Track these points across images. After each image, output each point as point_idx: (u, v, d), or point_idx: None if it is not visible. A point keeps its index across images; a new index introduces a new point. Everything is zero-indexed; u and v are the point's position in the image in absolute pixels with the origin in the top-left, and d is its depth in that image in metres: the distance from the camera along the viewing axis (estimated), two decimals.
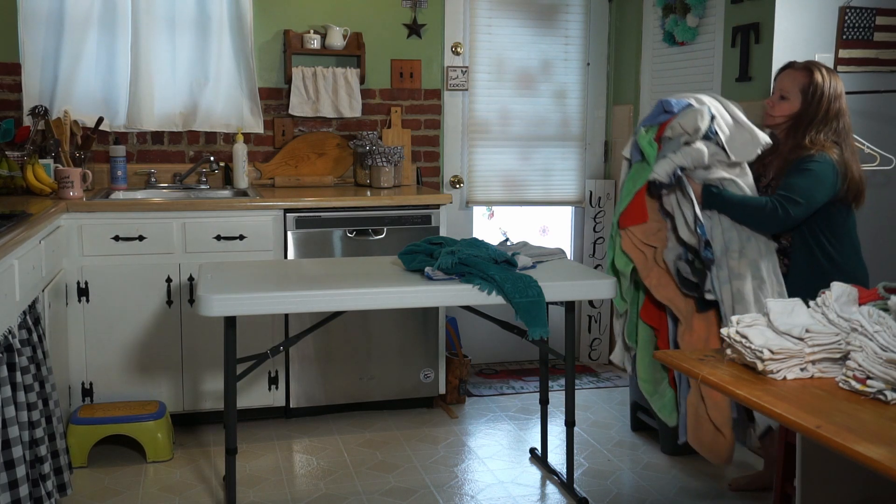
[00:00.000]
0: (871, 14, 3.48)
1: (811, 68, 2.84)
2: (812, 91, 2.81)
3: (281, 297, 2.72)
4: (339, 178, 4.39)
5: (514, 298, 2.77)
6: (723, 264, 2.82)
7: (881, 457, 1.54)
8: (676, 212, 2.87)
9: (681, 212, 2.86)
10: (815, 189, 2.73)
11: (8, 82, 3.96)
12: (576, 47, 4.75)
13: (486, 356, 4.77)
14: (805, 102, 2.82)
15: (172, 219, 3.58)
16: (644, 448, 3.63)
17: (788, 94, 2.84)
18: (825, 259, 2.83)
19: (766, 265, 2.83)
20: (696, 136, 2.80)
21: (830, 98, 2.80)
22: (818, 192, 2.74)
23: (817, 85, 2.80)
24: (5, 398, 2.32)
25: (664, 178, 2.81)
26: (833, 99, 2.81)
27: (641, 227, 2.93)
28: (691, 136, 2.80)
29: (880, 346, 1.84)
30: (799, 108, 2.83)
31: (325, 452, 3.57)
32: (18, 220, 2.75)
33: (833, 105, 2.81)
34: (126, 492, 3.18)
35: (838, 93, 2.82)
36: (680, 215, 2.86)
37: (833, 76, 2.84)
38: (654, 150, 2.87)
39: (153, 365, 3.63)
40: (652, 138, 2.88)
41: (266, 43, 4.26)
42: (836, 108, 2.81)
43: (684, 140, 2.82)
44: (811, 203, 2.74)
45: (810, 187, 2.73)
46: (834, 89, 2.81)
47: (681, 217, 2.85)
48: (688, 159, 2.80)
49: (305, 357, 3.81)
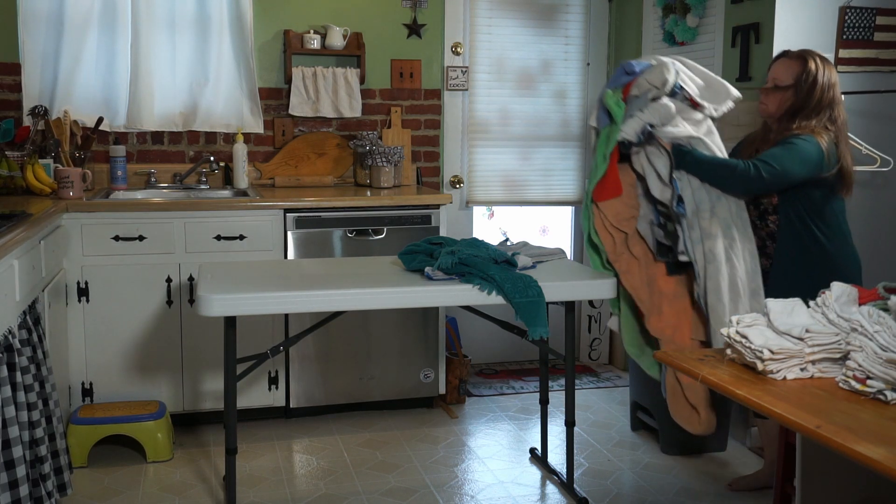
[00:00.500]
0: (871, 14, 3.49)
1: (805, 57, 2.83)
2: (805, 79, 2.80)
3: (281, 297, 2.72)
4: (339, 178, 4.39)
5: (514, 298, 2.77)
6: (694, 224, 2.80)
7: (881, 457, 1.54)
8: (648, 169, 2.84)
9: (652, 168, 2.83)
10: (793, 161, 2.71)
11: (8, 82, 3.96)
12: (576, 47, 4.75)
13: (486, 356, 4.77)
14: (798, 90, 2.81)
15: (172, 219, 3.58)
16: (644, 448, 3.64)
17: (783, 83, 2.84)
18: (813, 244, 2.82)
19: (738, 224, 2.82)
20: (665, 88, 2.79)
21: (824, 87, 2.79)
22: (795, 165, 2.71)
23: (810, 73, 2.80)
24: (5, 398, 2.32)
25: (632, 136, 2.80)
26: (827, 88, 2.80)
27: (614, 208, 2.91)
28: (659, 89, 2.80)
29: (880, 346, 1.84)
30: (792, 96, 2.82)
31: (325, 452, 3.57)
32: (18, 220, 2.75)
33: (826, 94, 2.80)
34: (126, 492, 3.18)
35: (832, 82, 2.81)
36: (652, 171, 2.83)
37: (827, 65, 2.83)
38: (621, 109, 2.87)
39: (153, 365, 3.63)
40: (619, 98, 2.89)
41: (266, 43, 4.26)
42: (829, 97, 2.80)
43: (652, 95, 2.81)
44: (786, 173, 2.71)
45: (788, 157, 2.71)
46: (828, 78, 2.80)
47: (653, 173, 2.83)
48: (655, 116, 2.79)
49: (305, 357, 3.81)
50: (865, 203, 3.61)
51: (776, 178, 2.72)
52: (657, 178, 2.83)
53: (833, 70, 2.83)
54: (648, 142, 2.82)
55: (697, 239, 2.80)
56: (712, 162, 2.78)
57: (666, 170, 2.80)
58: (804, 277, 2.82)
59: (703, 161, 2.78)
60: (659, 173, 2.82)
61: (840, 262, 2.81)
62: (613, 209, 2.92)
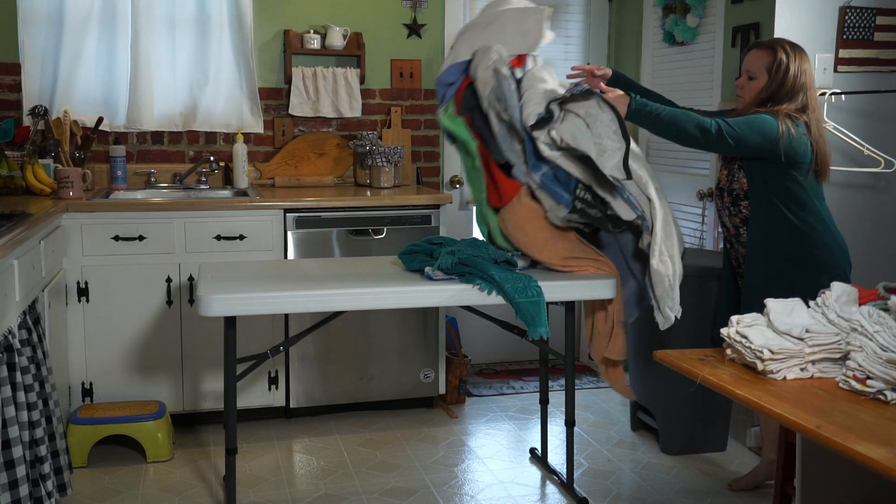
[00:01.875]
0: (871, 14, 3.49)
1: (774, 46, 2.86)
2: (776, 68, 2.82)
3: (281, 297, 2.72)
4: (339, 178, 4.39)
5: (514, 298, 2.76)
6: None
7: (881, 457, 1.54)
8: (582, 135, 2.78)
9: (586, 128, 2.79)
10: (752, 130, 2.74)
11: (8, 82, 3.96)
12: (576, 47, 4.75)
13: (486, 356, 4.77)
14: (771, 79, 2.83)
15: (172, 219, 3.58)
16: (644, 448, 3.64)
17: (755, 74, 2.87)
18: (785, 226, 2.82)
19: (645, 163, 2.88)
20: (504, 63, 2.83)
21: (796, 74, 2.82)
22: (753, 134, 2.73)
23: (781, 62, 2.82)
24: (5, 398, 2.32)
25: (534, 118, 2.80)
26: (798, 74, 2.82)
27: (516, 215, 2.92)
28: (504, 61, 2.84)
29: (880, 346, 1.84)
30: (765, 85, 2.84)
31: (325, 452, 3.57)
32: (18, 220, 2.75)
33: (798, 80, 2.82)
34: (126, 492, 3.18)
35: (803, 69, 2.84)
36: (586, 134, 2.78)
37: (798, 53, 2.85)
38: (458, 123, 2.91)
39: (153, 365, 3.63)
40: (453, 113, 2.91)
41: (266, 43, 4.26)
42: (801, 83, 2.83)
43: (508, 75, 2.84)
44: (743, 138, 2.73)
45: (748, 125, 2.74)
46: (798, 65, 2.83)
47: (597, 137, 2.77)
48: (538, 92, 2.83)
49: (305, 357, 3.81)
50: (866, 203, 3.61)
51: (734, 141, 2.74)
52: (611, 134, 2.76)
53: (805, 58, 2.86)
54: (580, 99, 2.79)
55: (637, 192, 2.84)
56: (674, 114, 2.78)
57: (614, 125, 2.75)
58: (780, 261, 2.83)
59: (661, 113, 2.78)
60: (611, 131, 2.77)
61: (818, 244, 2.81)
62: (515, 216, 2.93)
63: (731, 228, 2.98)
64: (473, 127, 2.96)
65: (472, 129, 2.96)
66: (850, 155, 3.52)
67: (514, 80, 2.87)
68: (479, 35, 2.97)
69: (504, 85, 2.83)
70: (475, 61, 2.92)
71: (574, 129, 2.77)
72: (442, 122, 2.98)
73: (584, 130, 2.76)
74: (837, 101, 3.44)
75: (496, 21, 2.99)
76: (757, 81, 2.86)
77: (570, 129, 2.77)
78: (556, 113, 2.81)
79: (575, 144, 2.76)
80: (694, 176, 4.03)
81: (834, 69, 3.50)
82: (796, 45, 2.87)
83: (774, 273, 2.83)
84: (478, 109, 2.92)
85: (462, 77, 2.96)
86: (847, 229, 3.56)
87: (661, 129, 2.82)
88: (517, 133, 2.85)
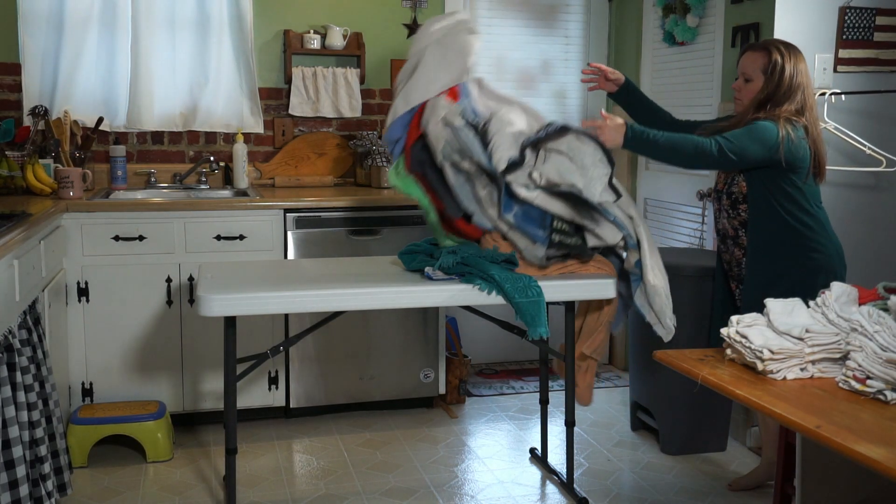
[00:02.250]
0: (871, 14, 3.49)
1: (769, 48, 2.85)
2: (772, 69, 2.81)
3: (281, 297, 2.72)
4: (339, 178, 4.39)
5: (513, 298, 2.76)
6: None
7: (881, 457, 1.54)
8: (567, 170, 2.80)
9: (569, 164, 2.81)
10: (753, 140, 2.72)
11: (8, 82, 3.96)
12: (576, 47, 4.75)
13: (486, 356, 4.77)
14: (768, 81, 2.82)
15: (172, 219, 3.58)
16: (644, 448, 3.64)
17: (751, 76, 2.86)
18: (784, 229, 2.81)
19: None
20: (455, 114, 2.82)
21: (791, 74, 2.81)
22: (754, 144, 2.72)
23: (776, 63, 2.81)
24: (5, 398, 2.32)
25: (505, 162, 2.80)
26: (794, 74, 2.81)
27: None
28: (455, 112, 2.83)
29: (880, 346, 1.84)
30: (762, 87, 2.83)
31: (325, 452, 3.57)
32: (18, 220, 2.75)
33: (795, 80, 2.81)
34: (126, 492, 3.18)
35: (799, 68, 2.83)
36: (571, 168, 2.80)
37: (792, 52, 2.84)
38: (409, 182, 2.96)
39: (153, 365, 3.63)
40: (403, 171, 2.96)
41: (266, 43, 4.26)
42: (798, 83, 2.81)
43: (470, 122, 2.85)
44: (744, 150, 2.72)
45: (748, 137, 2.73)
46: (794, 65, 2.82)
47: (583, 171, 2.80)
48: (511, 139, 2.83)
49: (305, 357, 3.81)
50: (867, 203, 3.61)
51: (736, 156, 2.73)
52: (599, 168, 2.80)
53: (800, 58, 2.84)
54: (556, 136, 2.81)
55: (622, 213, 2.86)
56: (672, 139, 2.78)
57: (599, 153, 2.78)
58: (779, 263, 2.83)
59: (659, 139, 2.78)
60: (594, 168, 2.80)
61: (815, 247, 2.81)
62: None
63: (729, 230, 2.97)
64: (426, 181, 2.98)
65: (424, 184, 2.98)
66: (850, 155, 3.52)
67: (471, 128, 2.87)
68: (411, 84, 2.98)
69: (462, 136, 2.85)
70: (425, 116, 2.92)
71: (559, 166, 2.82)
72: (391, 181, 3.00)
73: (569, 165, 2.81)
74: (837, 101, 3.44)
75: (420, 63, 3.01)
76: (753, 83, 2.85)
77: (554, 167, 2.82)
78: (528, 156, 2.83)
79: (561, 180, 2.79)
80: (694, 176, 4.03)
81: (834, 69, 3.50)
82: (791, 45, 2.87)
83: (773, 275, 2.83)
84: (429, 164, 2.94)
85: (405, 132, 2.97)
86: (848, 229, 3.57)
87: (661, 155, 2.83)
88: (485, 178, 2.86)
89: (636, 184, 4.60)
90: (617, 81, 3.15)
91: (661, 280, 2.88)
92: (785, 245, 2.81)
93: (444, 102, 2.90)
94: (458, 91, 2.95)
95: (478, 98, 2.97)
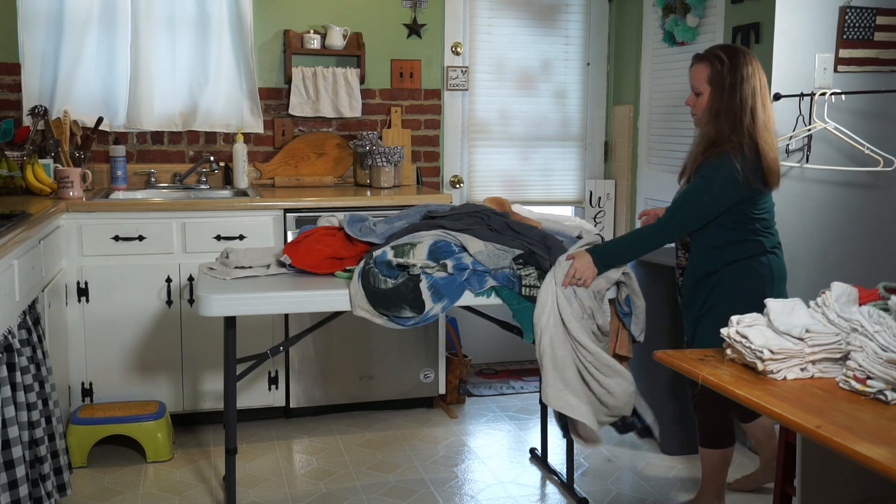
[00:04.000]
0: (871, 14, 3.49)
1: (710, 57, 2.74)
2: (716, 79, 2.72)
3: (281, 297, 2.72)
4: (339, 178, 4.39)
5: (511, 304, 2.77)
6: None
7: (881, 457, 1.54)
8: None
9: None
10: (711, 194, 2.66)
11: (8, 82, 3.96)
12: (576, 47, 4.75)
13: (486, 356, 4.77)
14: (715, 91, 2.72)
15: (172, 219, 3.58)
16: (644, 448, 3.63)
17: (700, 89, 2.77)
18: (726, 244, 2.76)
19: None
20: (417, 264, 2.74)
21: (736, 81, 2.69)
22: (715, 197, 2.66)
23: (718, 72, 2.71)
24: (5, 398, 2.32)
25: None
26: (741, 81, 2.69)
27: None
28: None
29: (880, 346, 1.84)
30: (712, 98, 2.74)
31: (325, 452, 3.57)
32: (18, 220, 2.75)
33: (743, 86, 2.69)
34: (126, 492, 3.18)
35: (746, 74, 2.70)
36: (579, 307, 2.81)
37: (735, 56, 2.71)
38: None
39: (153, 365, 3.63)
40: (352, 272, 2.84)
41: (266, 43, 4.26)
42: (750, 88, 2.69)
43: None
44: (703, 209, 2.69)
45: (700, 194, 2.67)
46: (740, 71, 2.70)
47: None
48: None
49: (305, 357, 3.81)
50: (866, 203, 3.61)
51: (695, 219, 2.71)
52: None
53: (747, 60, 2.71)
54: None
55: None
56: (636, 241, 2.80)
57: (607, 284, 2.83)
58: (714, 265, 2.79)
59: (624, 247, 2.81)
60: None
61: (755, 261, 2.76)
62: None
63: (681, 259, 2.94)
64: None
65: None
66: (849, 154, 3.51)
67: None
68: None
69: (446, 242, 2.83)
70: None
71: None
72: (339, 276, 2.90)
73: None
74: (837, 101, 3.44)
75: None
76: (703, 96, 2.76)
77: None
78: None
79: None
80: None
81: (834, 69, 3.50)
82: (735, 50, 2.74)
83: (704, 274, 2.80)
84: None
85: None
86: (847, 228, 3.57)
87: (636, 253, 2.84)
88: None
89: (636, 184, 4.60)
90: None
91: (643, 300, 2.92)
92: (722, 256, 2.76)
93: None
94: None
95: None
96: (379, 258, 2.72)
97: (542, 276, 2.79)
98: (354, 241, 2.93)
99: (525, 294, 2.78)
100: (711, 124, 2.73)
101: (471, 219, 2.96)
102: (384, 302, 2.66)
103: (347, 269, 2.83)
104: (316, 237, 2.97)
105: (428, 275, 2.69)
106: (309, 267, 2.88)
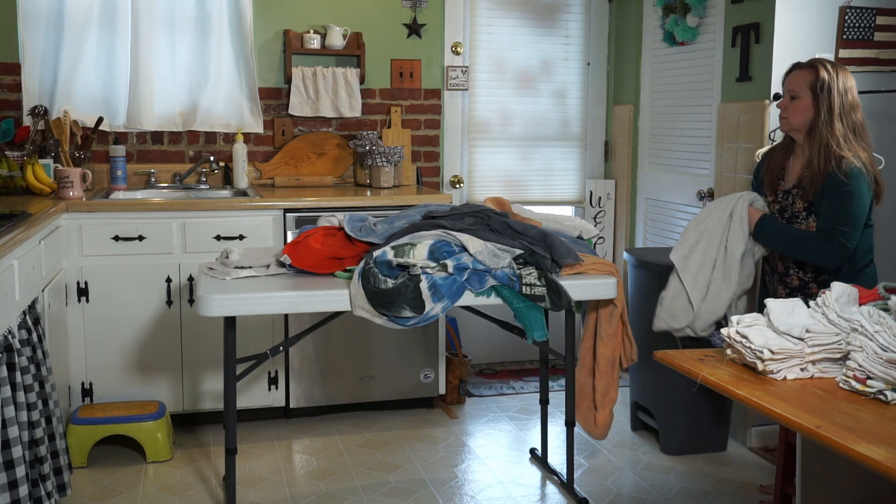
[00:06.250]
0: (871, 14, 3.49)
1: (816, 65, 2.82)
2: (820, 86, 2.78)
3: (281, 297, 2.72)
4: (339, 178, 4.39)
5: (512, 303, 2.77)
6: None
7: (881, 457, 1.54)
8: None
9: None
10: (858, 208, 2.73)
11: (8, 82, 3.96)
12: (576, 47, 4.75)
13: (486, 356, 4.77)
14: (816, 99, 2.79)
15: (172, 219, 3.58)
16: (644, 448, 3.63)
17: (798, 93, 2.82)
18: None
19: None
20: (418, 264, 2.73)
21: (842, 92, 2.77)
22: (861, 210, 2.74)
23: (824, 80, 2.78)
24: (5, 398, 2.31)
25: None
26: (845, 92, 2.78)
27: None
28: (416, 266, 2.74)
29: (880, 346, 1.84)
30: (811, 106, 2.80)
31: (325, 452, 3.57)
32: (18, 220, 2.75)
33: (846, 98, 2.78)
34: (126, 492, 3.18)
35: (849, 86, 2.80)
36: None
37: (840, 70, 2.81)
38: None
39: (153, 365, 3.63)
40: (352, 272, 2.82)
41: (266, 43, 4.26)
42: (848, 101, 2.79)
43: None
44: (858, 227, 2.75)
45: (853, 211, 2.73)
46: (843, 82, 2.79)
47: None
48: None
49: (305, 357, 3.81)
50: None
51: (856, 237, 2.76)
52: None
53: (847, 74, 2.82)
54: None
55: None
56: (797, 240, 2.82)
57: (743, 245, 2.93)
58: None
59: (787, 237, 2.85)
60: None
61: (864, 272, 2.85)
62: None
63: (778, 266, 2.98)
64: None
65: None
66: None
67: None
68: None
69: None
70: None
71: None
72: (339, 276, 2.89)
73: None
74: None
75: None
76: (801, 101, 2.81)
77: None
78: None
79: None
80: (694, 176, 4.03)
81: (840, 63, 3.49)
82: (837, 64, 2.84)
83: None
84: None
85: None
86: None
87: (788, 248, 2.87)
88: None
89: (636, 183, 4.60)
90: None
91: None
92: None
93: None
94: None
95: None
96: (379, 258, 2.72)
97: (542, 275, 2.79)
98: (354, 242, 2.93)
99: (525, 293, 2.77)
100: (813, 132, 2.81)
101: (471, 219, 2.96)
102: (384, 302, 2.66)
103: (347, 269, 2.83)
104: (316, 237, 2.97)
105: (428, 275, 2.69)
106: (309, 267, 2.88)
